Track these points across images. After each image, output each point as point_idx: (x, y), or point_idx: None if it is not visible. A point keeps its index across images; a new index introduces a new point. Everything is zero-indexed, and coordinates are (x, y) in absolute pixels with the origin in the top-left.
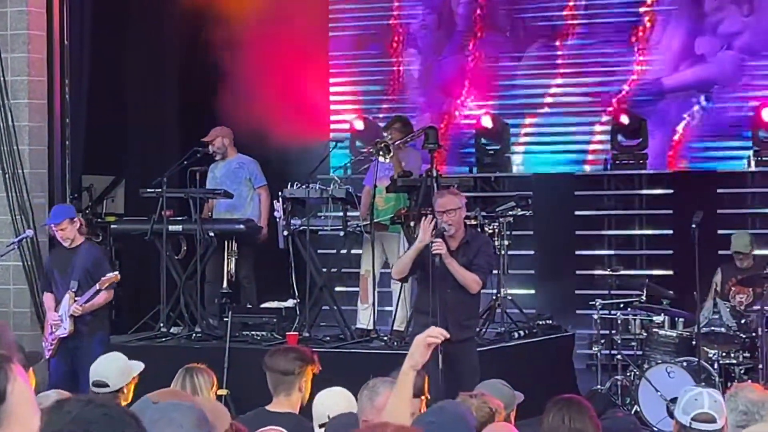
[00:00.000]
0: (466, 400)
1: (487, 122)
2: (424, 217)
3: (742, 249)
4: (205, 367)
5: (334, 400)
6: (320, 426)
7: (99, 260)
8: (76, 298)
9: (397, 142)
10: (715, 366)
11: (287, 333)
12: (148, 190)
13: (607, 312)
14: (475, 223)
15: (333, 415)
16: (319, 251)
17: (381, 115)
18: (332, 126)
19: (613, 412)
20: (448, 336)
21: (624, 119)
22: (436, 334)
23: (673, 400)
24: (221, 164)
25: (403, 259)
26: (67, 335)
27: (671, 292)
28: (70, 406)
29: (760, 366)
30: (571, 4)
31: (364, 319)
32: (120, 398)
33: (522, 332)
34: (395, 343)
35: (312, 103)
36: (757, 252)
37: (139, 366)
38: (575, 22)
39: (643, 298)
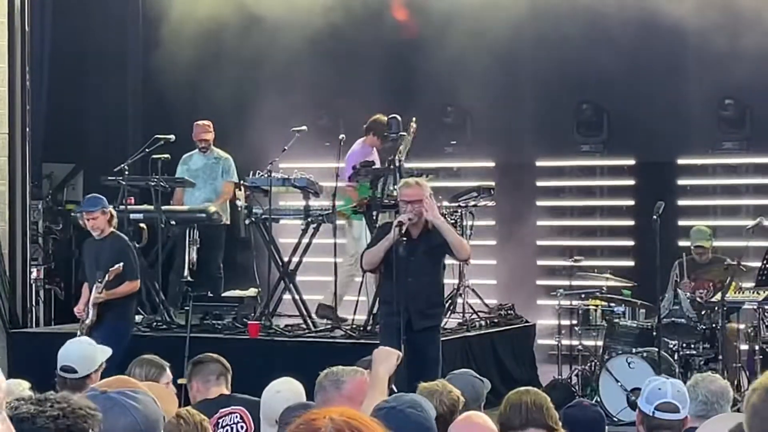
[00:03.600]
0: (429, 388)
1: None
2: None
3: (704, 243)
4: (156, 358)
5: (285, 393)
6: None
7: (122, 251)
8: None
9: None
10: (676, 357)
11: (248, 322)
12: (110, 177)
13: (568, 302)
14: None
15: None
16: (280, 240)
17: None
18: None
19: (579, 402)
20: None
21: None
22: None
23: (634, 391)
24: (197, 157)
25: (375, 252)
26: (90, 325)
27: (633, 282)
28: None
29: (720, 357)
30: None
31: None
32: (88, 383)
33: (484, 322)
34: (356, 333)
35: None
36: (717, 243)
37: (106, 352)
38: None
39: (604, 288)
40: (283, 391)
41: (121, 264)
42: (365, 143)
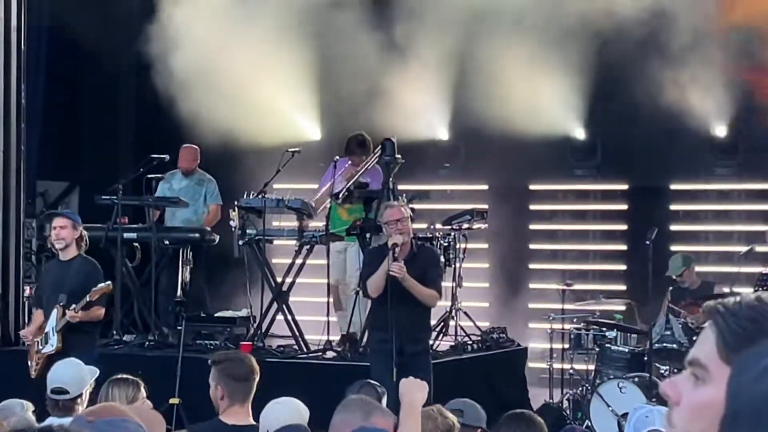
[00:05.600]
0: (425, 412)
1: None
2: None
3: (674, 272)
4: (130, 376)
5: (285, 412)
6: None
7: (94, 274)
8: (73, 306)
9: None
10: None
11: (241, 342)
12: (104, 197)
13: (560, 326)
14: (430, 235)
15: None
16: (273, 261)
17: None
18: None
19: (571, 427)
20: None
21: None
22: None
23: (624, 416)
24: (180, 177)
25: (376, 280)
26: (53, 352)
27: (624, 307)
28: None
29: None
30: None
31: (343, 324)
32: (79, 404)
33: (475, 345)
34: (348, 354)
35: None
36: (709, 269)
37: (94, 372)
38: None
39: (597, 313)
40: (282, 403)
41: (109, 282)
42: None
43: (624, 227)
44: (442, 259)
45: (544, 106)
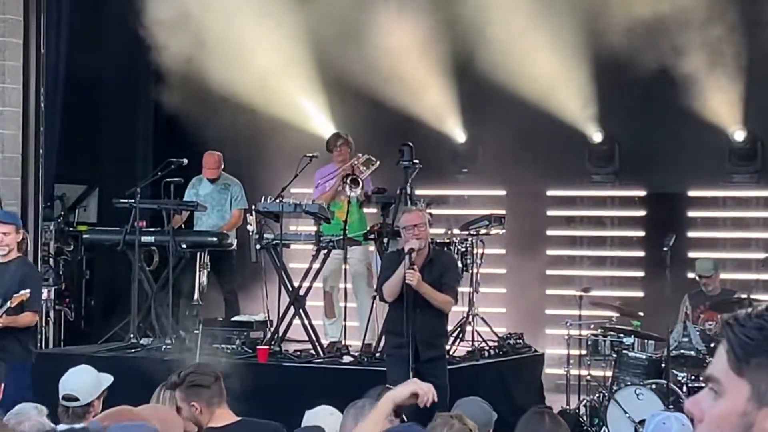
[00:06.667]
0: (444, 419)
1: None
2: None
3: (704, 272)
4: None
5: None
6: None
7: (29, 277)
8: None
9: (364, 176)
10: (684, 389)
11: (257, 347)
12: (122, 200)
13: (577, 332)
14: (447, 240)
15: None
16: (291, 265)
17: None
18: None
19: None
20: (436, 399)
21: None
22: (426, 390)
23: (642, 422)
24: (206, 182)
25: (395, 283)
26: None
27: (641, 313)
28: None
29: None
30: None
31: (333, 332)
32: (91, 411)
33: (492, 351)
34: (365, 359)
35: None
36: (726, 276)
37: (108, 379)
38: None
39: (614, 319)
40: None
41: (28, 291)
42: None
43: (641, 233)
44: (459, 264)
45: (562, 112)
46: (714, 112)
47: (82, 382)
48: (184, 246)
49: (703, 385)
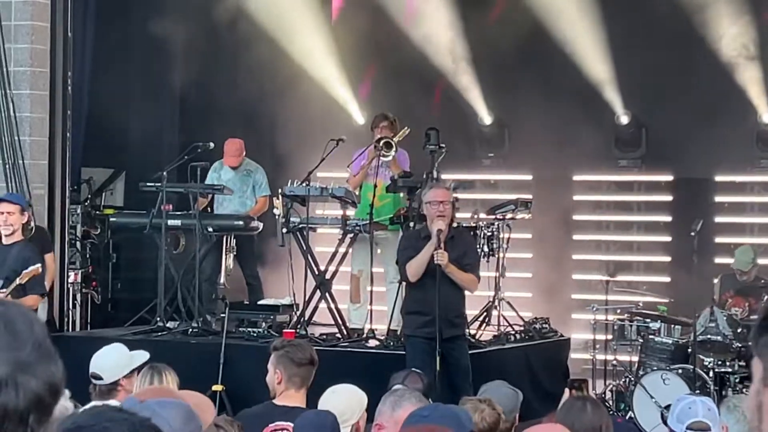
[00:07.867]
0: (473, 403)
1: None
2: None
3: (743, 268)
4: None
5: (342, 398)
6: None
7: (31, 258)
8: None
9: (396, 139)
10: (711, 374)
11: (284, 330)
12: (148, 184)
13: (603, 317)
14: (474, 224)
15: (342, 414)
16: (317, 249)
17: None
18: None
19: (613, 418)
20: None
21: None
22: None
23: (668, 407)
24: (228, 168)
25: (420, 262)
26: None
27: (668, 299)
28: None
29: None
30: None
31: (357, 318)
32: (119, 390)
33: (518, 335)
34: (391, 343)
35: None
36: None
37: (142, 356)
38: None
39: (640, 304)
40: (338, 392)
41: (38, 265)
42: None
43: (668, 218)
44: (485, 249)
45: (590, 97)
46: (741, 97)
47: (109, 360)
48: (210, 229)
49: (729, 369)
